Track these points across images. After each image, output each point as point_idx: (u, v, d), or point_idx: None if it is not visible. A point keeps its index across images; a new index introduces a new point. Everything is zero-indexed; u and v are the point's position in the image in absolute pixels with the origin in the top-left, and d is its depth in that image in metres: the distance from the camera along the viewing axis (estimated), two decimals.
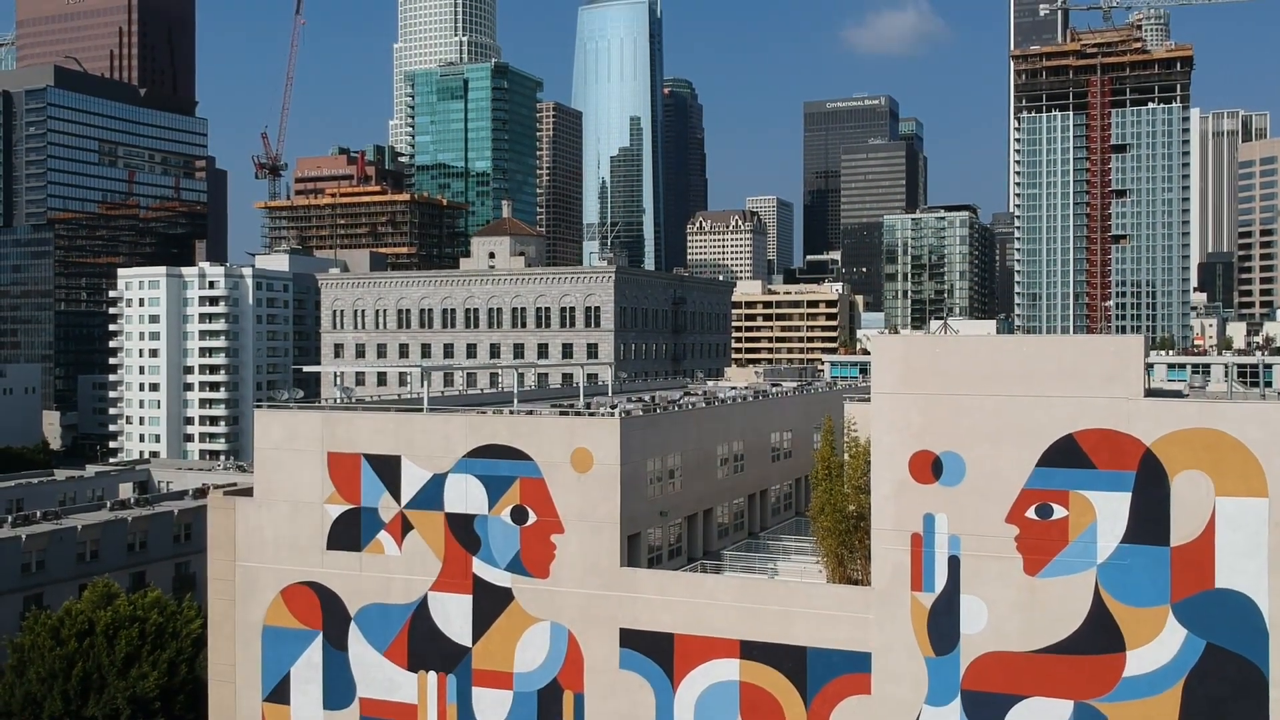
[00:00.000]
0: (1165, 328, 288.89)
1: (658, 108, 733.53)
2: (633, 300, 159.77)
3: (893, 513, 45.24)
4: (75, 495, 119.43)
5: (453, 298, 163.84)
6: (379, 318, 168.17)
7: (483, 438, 51.78)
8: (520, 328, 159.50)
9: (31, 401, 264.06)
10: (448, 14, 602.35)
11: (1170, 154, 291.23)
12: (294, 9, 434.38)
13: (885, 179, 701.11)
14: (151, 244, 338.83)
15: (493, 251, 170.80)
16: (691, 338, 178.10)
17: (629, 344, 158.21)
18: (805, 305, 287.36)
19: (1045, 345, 44.41)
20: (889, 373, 46.16)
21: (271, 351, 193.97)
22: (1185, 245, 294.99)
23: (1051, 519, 43.08)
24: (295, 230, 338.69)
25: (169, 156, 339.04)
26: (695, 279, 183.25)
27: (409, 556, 52.97)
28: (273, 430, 56.41)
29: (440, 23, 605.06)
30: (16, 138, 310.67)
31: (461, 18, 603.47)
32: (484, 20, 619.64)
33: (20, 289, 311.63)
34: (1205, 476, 41.27)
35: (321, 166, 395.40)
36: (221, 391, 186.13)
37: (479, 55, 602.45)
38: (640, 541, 51.74)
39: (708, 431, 59.47)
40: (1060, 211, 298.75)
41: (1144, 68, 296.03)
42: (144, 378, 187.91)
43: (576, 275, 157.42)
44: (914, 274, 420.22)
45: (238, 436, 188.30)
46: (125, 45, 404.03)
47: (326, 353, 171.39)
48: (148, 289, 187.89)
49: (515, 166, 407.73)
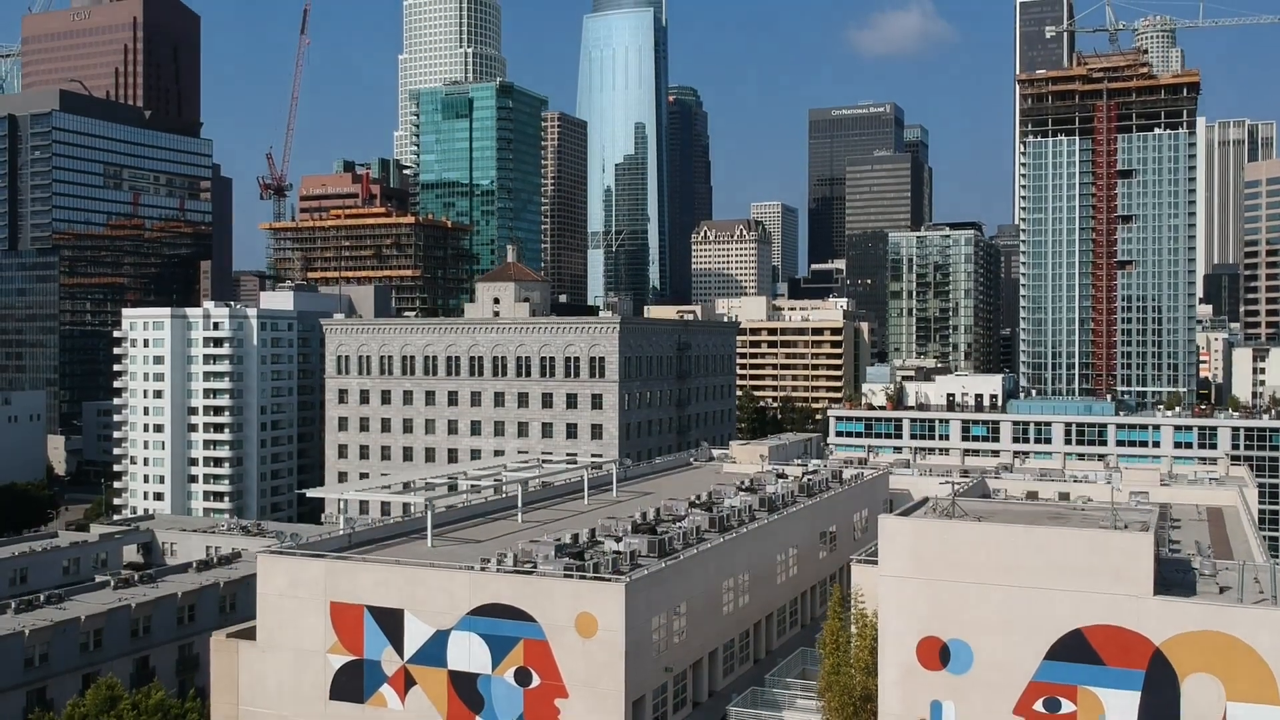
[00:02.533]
0: (1171, 353, 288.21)
1: (662, 115, 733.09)
2: (637, 349, 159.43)
3: (900, 698, 44.90)
4: (79, 562, 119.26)
5: (457, 345, 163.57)
6: (384, 364, 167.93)
7: (486, 596, 51.46)
8: (525, 376, 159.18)
9: (36, 429, 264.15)
10: (453, 26, 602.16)
11: (1176, 180, 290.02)
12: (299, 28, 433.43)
13: (890, 191, 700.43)
14: (156, 264, 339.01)
15: (497, 297, 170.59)
16: (697, 381, 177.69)
17: (633, 393, 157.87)
18: (810, 332, 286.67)
19: (1054, 538, 43.93)
20: (897, 557, 45.71)
21: (276, 392, 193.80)
22: (1191, 272, 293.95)
23: (1060, 713, 42.71)
24: (300, 252, 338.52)
25: (174, 178, 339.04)
26: (700, 322, 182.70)
27: (412, 712, 52.68)
28: (276, 577, 56.15)
29: (445, 35, 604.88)
30: (22, 161, 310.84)
31: (467, 30, 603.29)
32: (489, 32, 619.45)
33: (25, 312, 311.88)
34: (1216, 681, 40.85)
35: (326, 185, 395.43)
36: (225, 433, 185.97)
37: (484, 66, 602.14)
38: (645, 704, 51.35)
39: (715, 571, 58.97)
40: (1066, 236, 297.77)
41: (1150, 93, 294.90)
42: (148, 418, 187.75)
43: (581, 325, 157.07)
44: (919, 292, 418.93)
45: (241, 478, 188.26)
46: (130, 63, 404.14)
47: (331, 398, 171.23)
48: (152, 330, 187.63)
49: (520, 185, 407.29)
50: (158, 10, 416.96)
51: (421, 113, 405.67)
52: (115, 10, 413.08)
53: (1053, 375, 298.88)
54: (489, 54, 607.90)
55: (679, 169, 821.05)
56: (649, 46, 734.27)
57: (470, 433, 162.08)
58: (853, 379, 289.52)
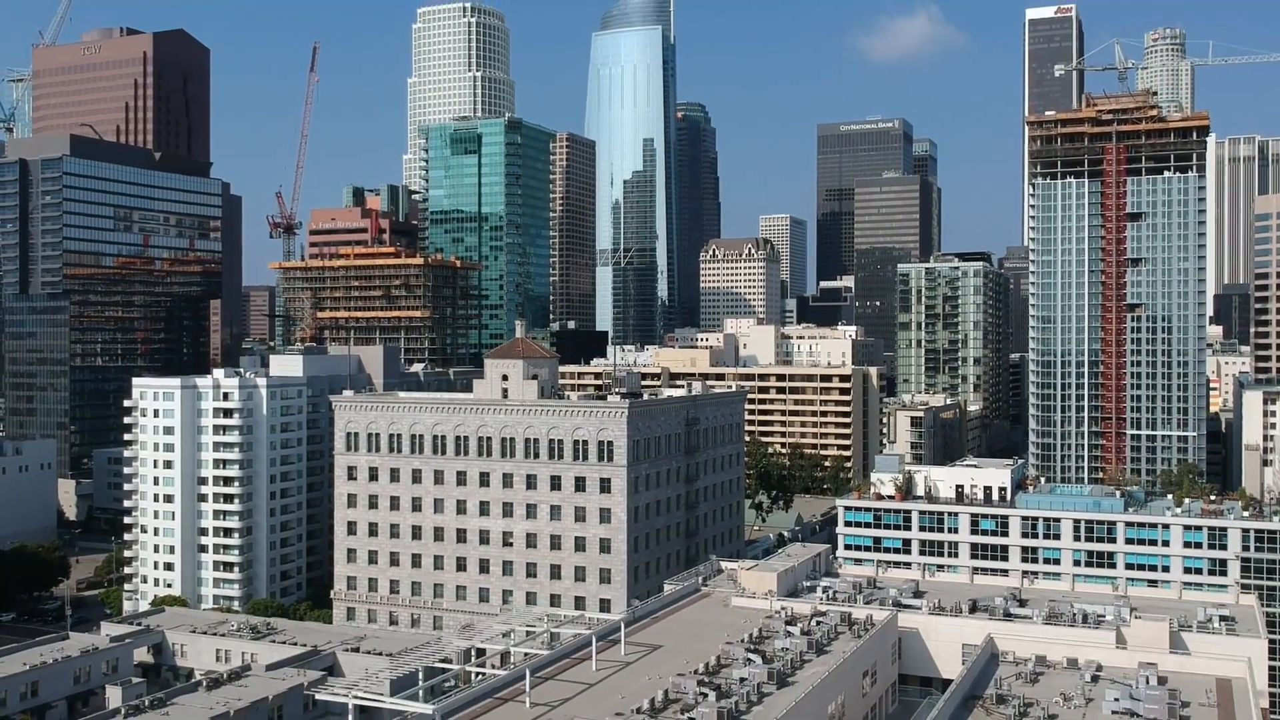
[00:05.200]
0: (1181, 396, 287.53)
1: (670, 132, 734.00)
2: (645, 431, 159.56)
3: None
4: (90, 671, 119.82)
5: (465, 425, 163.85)
6: (393, 441, 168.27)
7: None
8: (533, 458, 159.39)
9: (48, 477, 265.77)
10: (461, 51, 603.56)
11: (1186, 223, 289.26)
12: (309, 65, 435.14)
13: (899, 212, 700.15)
14: (166, 303, 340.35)
15: (506, 374, 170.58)
16: (705, 454, 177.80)
17: (642, 475, 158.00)
18: (819, 379, 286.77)
19: None
20: None
21: (285, 460, 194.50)
22: (1201, 315, 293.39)
23: None
24: (310, 291, 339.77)
25: (183, 218, 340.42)
26: (708, 395, 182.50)
27: None
28: None
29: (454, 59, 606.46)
30: (33, 205, 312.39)
31: (475, 54, 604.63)
32: (498, 56, 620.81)
33: (36, 355, 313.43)
34: None
35: (335, 219, 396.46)
36: (235, 504, 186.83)
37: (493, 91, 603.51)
38: None
39: None
40: (1075, 279, 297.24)
41: (1160, 135, 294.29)
42: (158, 488, 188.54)
43: (590, 409, 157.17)
44: (928, 323, 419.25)
45: (251, 548, 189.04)
46: (140, 97, 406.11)
47: (340, 474, 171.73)
48: (162, 400, 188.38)
49: (529, 220, 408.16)
50: (168, 44, 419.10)
51: (430, 147, 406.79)
52: (125, 44, 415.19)
53: (1061, 418, 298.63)
54: (498, 78, 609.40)
55: (687, 185, 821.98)
56: (657, 64, 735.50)
57: (479, 513, 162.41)
58: (861, 427, 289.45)
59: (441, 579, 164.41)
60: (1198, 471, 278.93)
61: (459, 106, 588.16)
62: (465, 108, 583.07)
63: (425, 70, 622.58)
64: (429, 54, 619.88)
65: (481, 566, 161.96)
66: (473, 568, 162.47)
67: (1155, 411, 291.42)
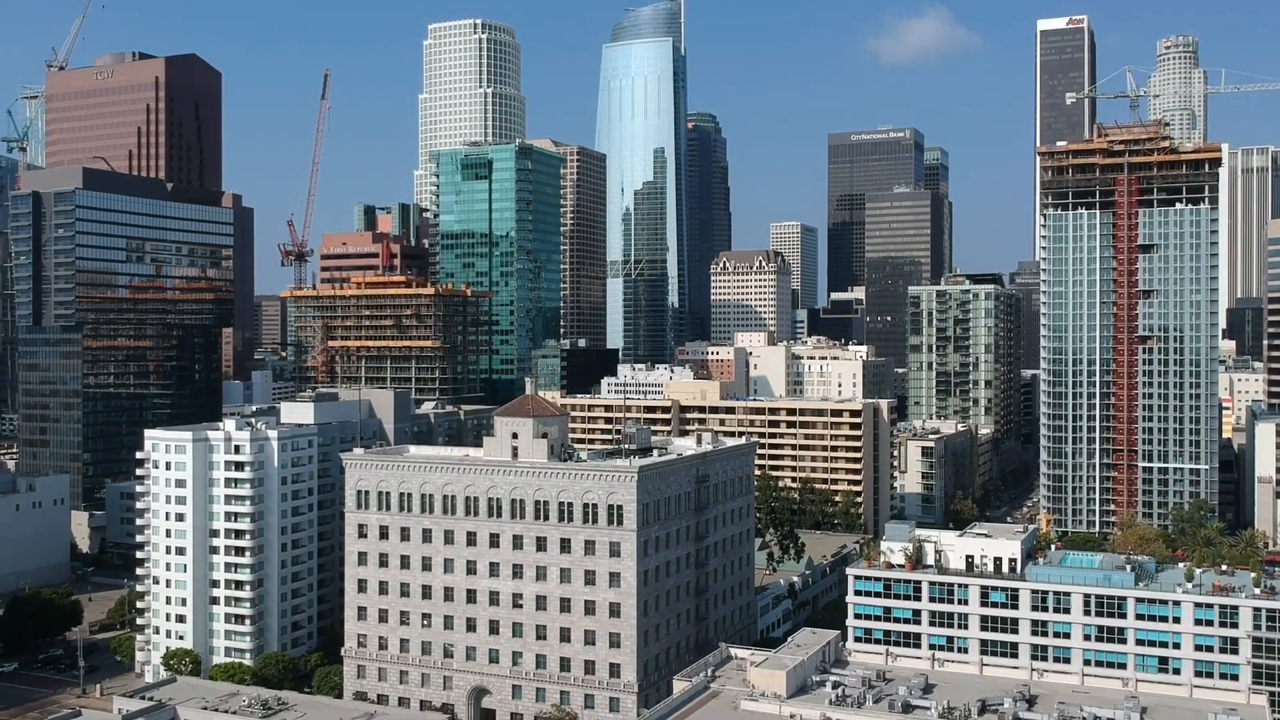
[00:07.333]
0: (1194, 429, 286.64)
1: (681, 143, 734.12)
2: (655, 493, 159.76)
3: None
4: None
5: (476, 485, 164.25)
6: (404, 500, 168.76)
7: None
8: (543, 520, 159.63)
9: (60, 513, 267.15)
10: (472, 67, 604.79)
11: (1199, 255, 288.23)
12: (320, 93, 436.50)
13: (910, 226, 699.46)
14: (179, 334, 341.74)
15: (515, 432, 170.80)
16: (715, 510, 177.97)
17: (651, 537, 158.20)
18: (829, 414, 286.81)
19: None
20: None
21: (295, 511, 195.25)
22: (1214, 348, 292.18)
23: None
24: (321, 319, 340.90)
25: (196, 248, 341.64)
26: (718, 451, 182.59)
27: None
28: None
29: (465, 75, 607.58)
30: (46, 238, 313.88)
31: (486, 70, 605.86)
32: (508, 72, 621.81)
33: (49, 388, 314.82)
34: None
35: (347, 243, 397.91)
36: (246, 556, 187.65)
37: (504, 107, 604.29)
38: None
39: None
40: (1087, 310, 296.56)
41: (1172, 167, 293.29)
42: (170, 540, 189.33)
43: (599, 473, 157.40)
44: (939, 346, 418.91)
45: (262, 599, 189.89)
46: (152, 122, 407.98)
47: (350, 532, 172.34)
48: (174, 453, 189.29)
49: (540, 245, 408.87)
50: (180, 68, 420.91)
51: (441, 172, 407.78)
52: (138, 69, 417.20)
53: (1073, 449, 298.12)
54: (509, 94, 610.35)
55: (698, 195, 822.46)
56: (668, 75, 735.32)
57: (489, 574, 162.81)
58: (872, 460, 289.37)
59: (452, 639, 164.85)
60: (1209, 508, 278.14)
61: (470, 123, 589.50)
62: (476, 124, 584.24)
63: (436, 87, 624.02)
64: (440, 71, 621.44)
65: (492, 628, 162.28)
66: (483, 629, 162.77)
67: (1168, 444, 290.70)
